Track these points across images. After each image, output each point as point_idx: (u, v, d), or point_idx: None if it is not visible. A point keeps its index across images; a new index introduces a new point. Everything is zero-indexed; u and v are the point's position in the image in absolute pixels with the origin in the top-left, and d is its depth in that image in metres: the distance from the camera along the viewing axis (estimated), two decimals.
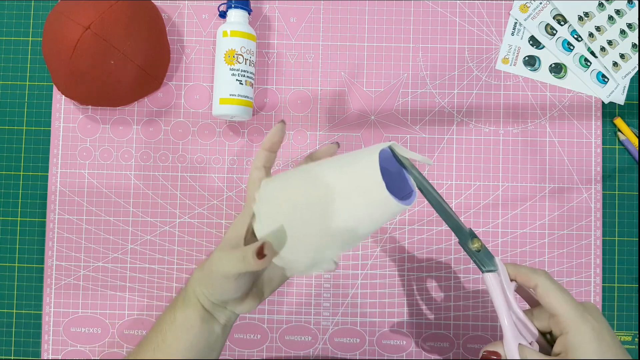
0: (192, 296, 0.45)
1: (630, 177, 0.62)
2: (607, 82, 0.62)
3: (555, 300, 0.41)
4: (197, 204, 0.62)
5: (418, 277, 0.61)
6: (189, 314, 0.45)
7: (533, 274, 0.43)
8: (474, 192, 0.62)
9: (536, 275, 0.43)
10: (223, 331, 0.47)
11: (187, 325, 0.45)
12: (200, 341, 0.45)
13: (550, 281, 0.42)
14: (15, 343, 0.62)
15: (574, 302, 0.41)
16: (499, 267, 0.43)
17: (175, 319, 0.45)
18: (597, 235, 0.62)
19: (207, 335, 0.45)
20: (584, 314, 0.41)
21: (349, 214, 0.39)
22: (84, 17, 0.55)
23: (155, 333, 0.46)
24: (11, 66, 0.64)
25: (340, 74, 0.63)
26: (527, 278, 0.43)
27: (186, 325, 0.45)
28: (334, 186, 0.39)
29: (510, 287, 0.43)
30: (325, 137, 0.63)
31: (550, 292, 0.41)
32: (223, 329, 0.46)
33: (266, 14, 0.64)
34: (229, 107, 0.59)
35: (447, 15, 0.63)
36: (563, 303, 0.41)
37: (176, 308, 0.46)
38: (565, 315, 0.41)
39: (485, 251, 0.44)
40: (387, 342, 0.61)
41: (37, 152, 0.63)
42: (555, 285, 0.42)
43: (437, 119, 0.63)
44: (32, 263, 0.62)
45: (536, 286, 0.42)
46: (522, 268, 0.44)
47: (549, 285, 0.42)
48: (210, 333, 0.45)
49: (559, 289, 0.41)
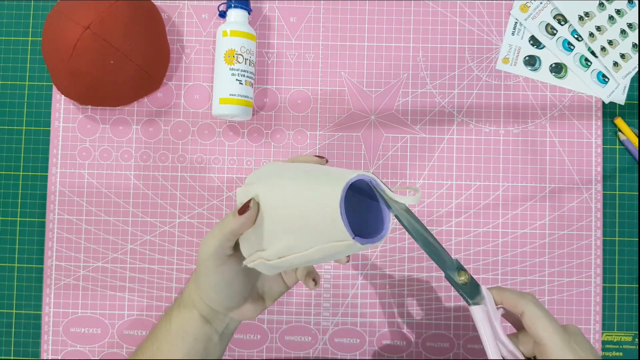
0: (188, 301, 0.45)
1: (631, 177, 0.62)
2: (607, 82, 0.62)
3: (542, 330, 0.41)
4: (197, 204, 0.62)
5: (418, 277, 0.61)
6: (185, 319, 0.44)
7: (520, 299, 0.42)
8: (474, 192, 0.62)
9: (523, 302, 0.42)
10: (221, 339, 0.45)
11: (183, 333, 0.44)
12: (197, 348, 0.44)
13: (537, 308, 0.41)
14: (15, 343, 0.62)
15: (561, 333, 0.41)
16: (485, 297, 0.42)
17: (171, 326, 0.45)
18: (597, 235, 0.62)
19: (204, 342, 0.44)
20: (571, 343, 0.40)
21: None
22: (84, 17, 0.55)
23: (151, 341, 0.46)
24: (11, 66, 0.64)
25: (340, 74, 0.63)
26: (513, 304, 0.42)
27: (182, 332, 0.44)
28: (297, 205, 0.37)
29: (497, 316, 0.42)
30: (325, 137, 0.63)
31: (537, 320, 0.41)
32: (221, 336, 0.45)
33: (266, 14, 0.64)
34: (228, 107, 0.58)
35: (447, 15, 0.63)
36: (551, 333, 0.40)
37: (172, 314, 0.45)
38: (552, 346, 0.40)
39: (472, 283, 0.42)
40: (387, 342, 0.61)
41: (37, 152, 0.63)
42: (543, 313, 0.41)
43: (437, 119, 0.63)
44: (32, 263, 0.62)
45: (522, 313, 0.42)
46: (509, 293, 0.43)
47: (536, 313, 0.41)
48: (207, 340, 0.44)
49: (546, 317, 0.41)
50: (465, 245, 0.61)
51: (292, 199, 0.38)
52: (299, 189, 0.38)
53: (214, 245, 0.40)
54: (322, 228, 0.36)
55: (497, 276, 0.61)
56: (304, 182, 0.38)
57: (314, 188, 0.36)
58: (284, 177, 0.40)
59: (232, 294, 0.43)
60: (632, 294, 0.61)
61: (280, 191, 0.39)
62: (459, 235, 0.62)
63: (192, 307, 0.44)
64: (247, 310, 0.44)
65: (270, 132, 0.63)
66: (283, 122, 0.63)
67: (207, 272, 0.41)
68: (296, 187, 0.38)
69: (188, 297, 0.45)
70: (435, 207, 0.62)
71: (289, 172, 0.40)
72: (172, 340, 0.44)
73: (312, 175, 0.38)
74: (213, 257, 0.40)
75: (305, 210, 0.36)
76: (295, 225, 0.38)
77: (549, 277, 0.61)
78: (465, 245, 0.61)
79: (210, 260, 0.41)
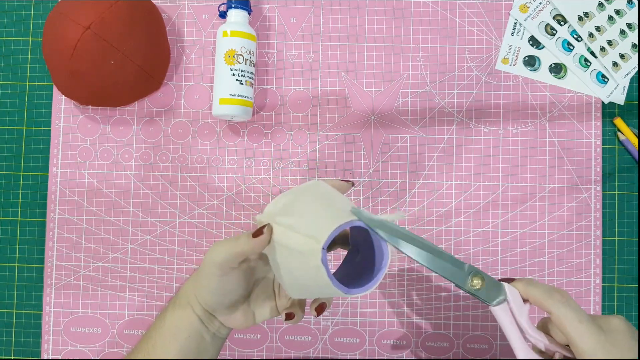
0: (184, 298, 0.45)
1: (630, 177, 0.62)
2: (607, 82, 0.62)
3: (572, 333, 0.38)
4: (197, 204, 0.62)
5: (418, 277, 0.62)
6: (179, 317, 0.45)
7: (547, 299, 0.39)
8: (474, 192, 0.62)
9: (550, 302, 0.39)
10: (213, 340, 0.46)
11: (176, 330, 0.45)
12: (190, 346, 0.45)
13: (565, 308, 0.38)
14: (15, 343, 0.62)
15: (595, 333, 0.37)
16: (508, 294, 0.40)
17: (165, 324, 0.45)
18: (597, 235, 0.62)
19: (196, 340, 0.45)
20: (605, 345, 0.37)
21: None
22: (84, 17, 0.55)
23: (146, 340, 0.46)
24: (11, 66, 0.64)
25: (340, 74, 0.63)
26: (539, 303, 0.40)
27: (175, 329, 0.45)
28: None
29: (524, 312, 0.40)
30: (325, 137, 0.63)
31: (566, 322, 0.38)
32: (213, 338, 0.46)
33: (266, 14, 0.64)
34: (229, 107, 0.59)
35: (447, 15, 0.63)
36: (582, 336, 0.37)
37: (167, 313, 0.46)
38: (582, 347, 0.37)
39: (490, 283, 0.40)
40: (387, 342, 0.61)
41: (37, 152, 0.63)
42: (572, 314, 0.38)
43: (437, 119, 0.63)
44: (32, 263, 0.62)
45: (550, 313, 0.39)
46: (535, 290, 0.40)
47: (565, 315, 0.38)
48: (200, 338, 0.45)
49: (576, 319, 0.38)
50: (465, 245, 0.61)
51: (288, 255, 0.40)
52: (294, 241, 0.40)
53: (223, 256, 0.41)
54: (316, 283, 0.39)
55: (497, 276, 0.61)
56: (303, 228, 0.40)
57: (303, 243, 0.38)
58: (292, 214, 0.41)
59: (225, 301, 0.44)
60: (632, 294, 0.61)
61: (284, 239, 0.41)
62: (458, 235, 0.62)
63: (187, 305, 0.45)
64: (237, 319, 0.45)
65: (270, 132, 0.63)
66: (283, 122, 0.63)
67: (209, 276, 0.42)
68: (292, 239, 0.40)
69: (184, 296, 0.46)
70: (435, 207, 0.62)
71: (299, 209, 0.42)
72: (166, 337, 0.45)
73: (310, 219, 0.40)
74: (219, 266, 0.41)
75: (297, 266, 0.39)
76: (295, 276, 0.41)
77: (549, 277, 0.61)
78: (465, 245, 0.61)
79: (215, 268, 0.42)
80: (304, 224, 0.39)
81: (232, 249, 0.41)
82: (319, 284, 0.38)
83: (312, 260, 0.37)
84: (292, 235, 0.39)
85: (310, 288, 0.40)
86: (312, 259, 0.37)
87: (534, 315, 0.60)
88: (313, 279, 0.38)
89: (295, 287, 0.41)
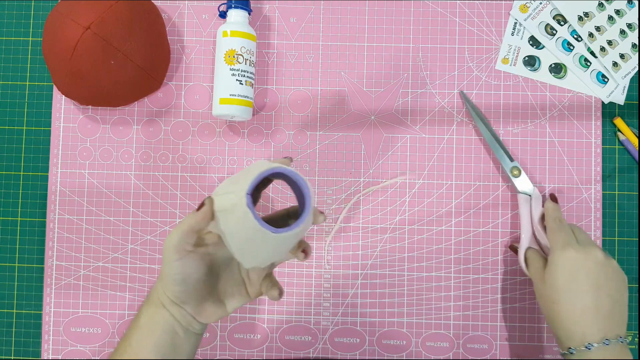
0: (155, 295, 0.46)
1: (630, 177, 0.62)
2: (607, 82, 0.62)
3: (549, 235, 0.55)
4: (197, 203, 0.62)
5: (418, 277, 0.62)
6: (151, 313, 0.46)
7: (551, 232, 0.55)
8: (474, 192, 0.62)
9: (550, 220, 0.56)
10: (186, 335, 0.46)
11: (151, 325, 0.45)
12: (165, 341, 0.45)
13: (555, 225, 0.55)
14: (15, 343, 0.62)
15: (563, 242, 0.53)
16: (533, 195, 0.58)
17: (140, 322, 0.46)
18: (597, 235, 0.62)
19: (170, 334, 0.45)
20: (566, 248, 0.52)
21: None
22: (84, 17, 0.55)
23: (125, 339, 0.47)
24: (11, 66, 0.64)
25: (340, 74, 0.63)
26: (546, 219, 0.56)
27: (150, 325, 0.45)
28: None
29: (537, 210, 0.58)
30: (325, 137, 0.63)
31: (549, 229, 0.55)
32: (186, 333, 0.46)
33: (266, 14, 0.64)
34: (229, 107, 0.59)
35: (447, 15, 0.63)
36: (553, 240, 0.54)
37: (142, 311, 0.47)
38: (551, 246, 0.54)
39: (523, 178, 0.59)
40: (387, 342, 0.62)
41: (37, 152, 0.63)
42: (556, 228, 0.55)
43: (437, 119, 0.63)
44: (32, 263, 0.62)
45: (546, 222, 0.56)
46: (554, 212, 0.56)
47: (550, 226, 0.55)
48: (173, 333, 0.45)
49: (557, 229, 0.54)
50: (465, 245, 0.61)
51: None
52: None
53: (175, 238, 0.42)
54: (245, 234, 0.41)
55: (497, 275, 0.61)
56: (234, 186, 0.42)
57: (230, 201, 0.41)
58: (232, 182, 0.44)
59: (189, 289, 0.44)
60: (632, 293, 0.61)
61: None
62: (458, 235, 0.62)
63: (158, 302, 0.46)
64: (207, 311, 0.46)
65: (270, 132, 0.63)
66: (283, 122, 0.63)
67: (169, 263, 0.43)
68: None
69: (154, 293, 0.47)
70: (435, 207, 0.62)
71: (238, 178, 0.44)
72: (141, 334, 0.46)
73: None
74: (175, 249, 0.43)
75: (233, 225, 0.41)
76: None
77: None
78: (465, 245, 0.61)
79: (171, 252, 0.43)
80: (232, 186, 0.41)
81: (181, 228, 0.42)
82: (255, 238, 0.40)
83: (241, 209, 0.39)
84: (224, 197, 0.41)
85: (253, 246, 0.41)
86: (240, 208, 0.39)
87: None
88: (251, 233, 0.39)
89: (244, 253, 0.42)
